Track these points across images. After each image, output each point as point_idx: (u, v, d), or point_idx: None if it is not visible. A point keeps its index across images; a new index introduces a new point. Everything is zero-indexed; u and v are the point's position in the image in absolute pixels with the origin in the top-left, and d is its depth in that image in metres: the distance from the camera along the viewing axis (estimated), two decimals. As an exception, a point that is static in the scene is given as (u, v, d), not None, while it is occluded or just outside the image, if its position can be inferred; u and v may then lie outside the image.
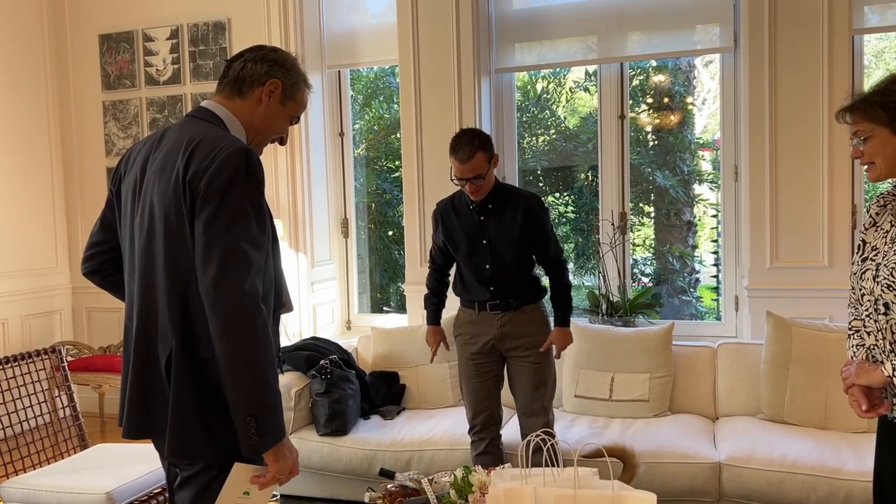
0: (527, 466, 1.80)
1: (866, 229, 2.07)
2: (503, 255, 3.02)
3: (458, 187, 3.05)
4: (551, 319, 3.13)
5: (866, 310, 2.01)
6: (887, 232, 2.02)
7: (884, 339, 1.97)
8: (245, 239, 1.62)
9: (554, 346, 3.08)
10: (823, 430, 3.27)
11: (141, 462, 2.91)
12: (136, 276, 1.79)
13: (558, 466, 1.81)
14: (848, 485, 2.83)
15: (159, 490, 2.82)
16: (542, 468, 1.78)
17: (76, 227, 5.13)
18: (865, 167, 2.00)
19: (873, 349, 2.02)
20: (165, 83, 4.80)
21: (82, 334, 5.18)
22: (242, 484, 1.69)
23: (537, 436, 1.80)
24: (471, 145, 2.89)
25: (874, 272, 1.96)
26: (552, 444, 1.79)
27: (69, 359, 4.66)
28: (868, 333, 2.02)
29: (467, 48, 4.17)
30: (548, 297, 3.17)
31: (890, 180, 2.04)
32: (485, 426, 3.09)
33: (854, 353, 2.06)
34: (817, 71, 3.68)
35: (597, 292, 4.31)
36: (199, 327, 1.66)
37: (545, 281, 3.21)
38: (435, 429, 3.45)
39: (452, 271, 3.29)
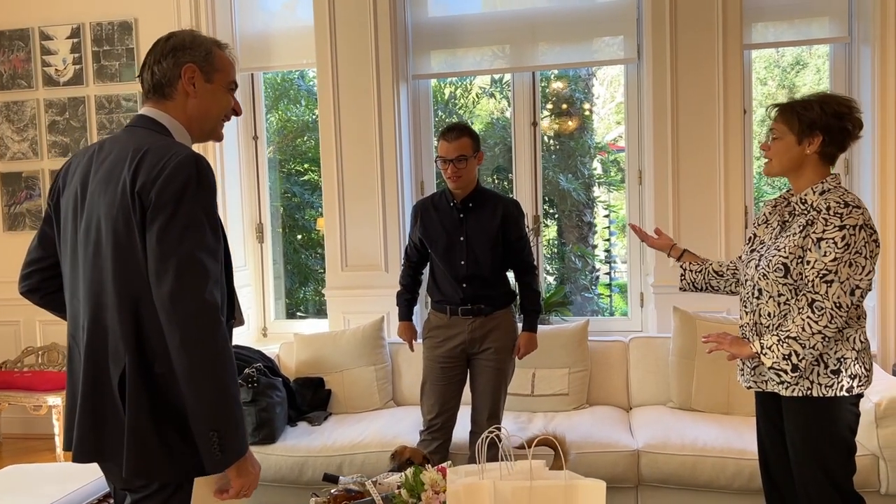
0: (482, 462, 1.88)
1: (758, 226, 2.45)
2: (479, 254, 3.10)
3: (441, 171, 3.14)
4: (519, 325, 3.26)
5: (746, 293, 2.39)
6: (774, 229, 2.36)
7: (753, 322, 2.36)
8: (200, 248, 1.59)
9: (519, 348, 3.20)
10: (727, 415, 3.54)
11: (59, 482, 2.80)
12: (81, 293, 1.72)
13: (511, 460, 1.91)
14: (752, 464, 3.06)
15: (85, 509, 2.73)
16: (499, 462, 1.87)
17: (-35, 235, 4.81)
18: (766, 161, 2.34)
19: (744, 328, 2.40)
20: (66, 84, 4.58)
21: (-26, 350, 4.86)
22: (210, 500, 1.68)
23: (491, 432, 1.89)
24: (459, 130, 3.05)
25: (757, 262, 2.33)
26: (505, 439, 1.89)
27: (-37, 376, 4.39)
28: (746, 313, 2.40)
29: (385, 54, 4.22)
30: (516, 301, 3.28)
31: (786, 183, 2.43)
32: (442, 427, 3.15)
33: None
34: (713, 82, 3.97)
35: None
36: (153, 342, 1.62)
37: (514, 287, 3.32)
38: (365, 432, 3.48)
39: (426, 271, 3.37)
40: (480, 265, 3.12)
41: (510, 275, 3.32)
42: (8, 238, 4.73)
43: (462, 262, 3.12)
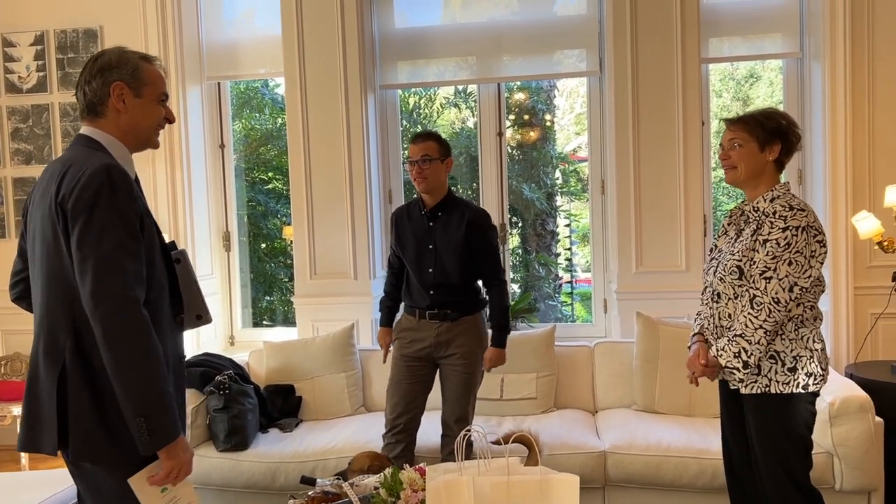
0: (461, 460, 1.94)
1: (719, 237, 2.62)
2: (445, 262, 3.15)
3: (410, 181, 3.22)
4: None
5: (706, 298, 2.57)
6: (731, 238, 2.52)
7: (713, 325, 2.53)
8: (117, 248, 1.72)
9: (485, 362, 3.18)
10: (689, 416, 3.65)
11: (33, 490, 2.79)
12: (34, 298, 1.90)
13: (488, 458, 1.96)
14: (713, 463, 3.17)
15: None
16: (477, 460, 1.92)
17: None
18: (727, 169, 2.47)
19: (706, 331, 2.57)
20: (29, 91, 4.53)
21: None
22: (150, 487, 1.78)
23: (468, 431, 1.95)
24: (428, 134, 3.15)
25: (715, 268, 2.51)
26: (482, 438, 1.95)
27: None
28: (708, 317, 2.56)
29: (353, 64, 4.27)
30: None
31: (741, 193, 2.56)
32: (405, 428, 3.16)
33: (695, 329, 2.62)
34: (673, 94, 4.10)
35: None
36: (88, 339, 1.76)
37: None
38: (336, 437, 3.51)
39: None
40: (448, 274, 3.16)
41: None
42: (-31, 247, 4.65)
43: (430, 270, 3.17)
